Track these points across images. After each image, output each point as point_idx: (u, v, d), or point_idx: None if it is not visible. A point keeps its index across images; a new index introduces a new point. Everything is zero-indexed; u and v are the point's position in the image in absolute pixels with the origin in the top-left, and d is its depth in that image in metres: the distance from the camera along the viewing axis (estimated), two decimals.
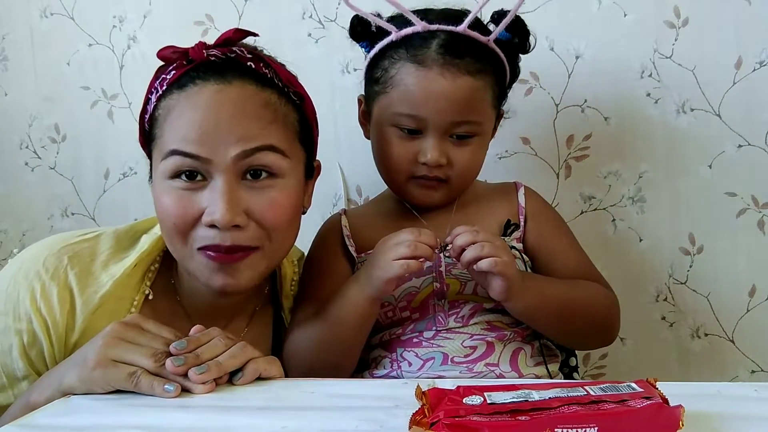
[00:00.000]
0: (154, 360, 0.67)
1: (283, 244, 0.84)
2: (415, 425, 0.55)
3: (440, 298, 0.89)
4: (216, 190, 0.77)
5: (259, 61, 0.82)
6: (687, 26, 1.11)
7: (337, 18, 1.22)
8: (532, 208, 0.96)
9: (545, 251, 0.93)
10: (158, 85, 0.82)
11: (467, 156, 0.91)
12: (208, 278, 0.80)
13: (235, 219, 0.76)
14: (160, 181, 0.80)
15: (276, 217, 0.80)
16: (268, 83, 0.82)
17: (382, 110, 0.92)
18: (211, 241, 0.77)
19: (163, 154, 0.79)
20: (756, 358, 1.14)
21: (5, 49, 1.38)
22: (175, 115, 0.79)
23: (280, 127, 0.81)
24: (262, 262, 0.82)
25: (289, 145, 0.82)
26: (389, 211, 0.98)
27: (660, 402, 0.55)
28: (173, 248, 0.82)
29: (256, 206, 0.78)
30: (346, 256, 0.95)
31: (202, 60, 0.80)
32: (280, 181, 0.80)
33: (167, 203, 0.79)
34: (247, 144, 0.77)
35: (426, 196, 0.93)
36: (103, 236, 0.88)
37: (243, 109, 0.78)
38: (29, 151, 1.39)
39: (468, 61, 0.87)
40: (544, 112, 1.15)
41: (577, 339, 0.95)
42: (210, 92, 0.78)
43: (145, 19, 1.30)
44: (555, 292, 0.87)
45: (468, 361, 0.86)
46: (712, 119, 1.12)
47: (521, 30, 0.93)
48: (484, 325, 0.89)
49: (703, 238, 1.14)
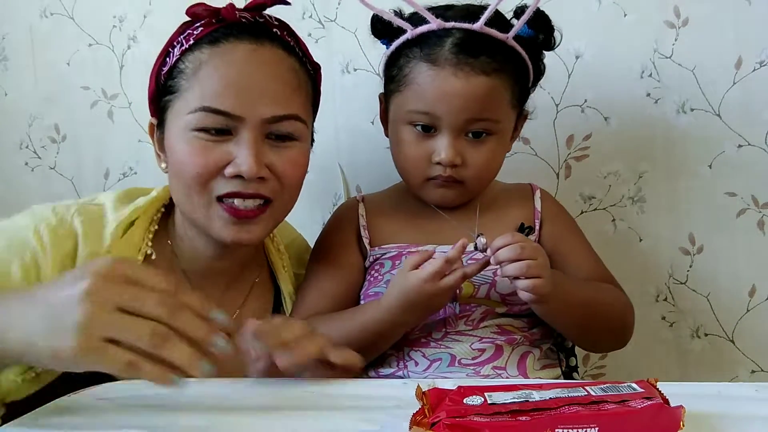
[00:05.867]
0: (155, 340, 0.55)
1: (290, 202, 0.88)
2: (415, 425, 0.54)
3: (452, 301, 0.88)
4: (244, 144, 0.80)
5: (284, 29, 0.86)
6: (687, 26, 1.11)
7: (337, 18, 1.22)
8: (548, 212, 0.96)
9: (560, 254, 0.93)
10: (183, 39, 0.84)
11: (483, 156, 0.89)
12: (221, 229, 0.82)
13: (260, 171, 0.80)
14: (183, 132, 0.81)
15: (293, 174, 0.85)
16: (293, 51, 0.86)
17: (397, 108, 0.91)
18: (233, 188, 0.81)
19: (192, 108, 0.80)
20: (756, 358, 1.14)
21: (5, 49, 1.38)
22: (208, 71, 0.81)
23: (303, 94, 0.85)
24: (271, 219, 0.86)
25: (308, 113, 0.87)
26: (409, 206, 0.96)
27: (661, 402, 0.55)
28: (188, 199, 0.83)
29: (278, 163, 0.83)
30: (359, 246, 0.94)
31: (233, 20, 0.83)
32: (298, 144, 0.85)
33: (190, 152, 0.81)
34: (277, 109, 0.81)
35: (441, 197, 0.92)
36: (103, 197, 0.90)
37: (275, 70, 0.82)
38: (29, 151, 1.39)
39: (483, 60, 0.85)
40: (544, 112, 1.15)
41: (595, 340, 0.95)
42: (245, 51, 0.81)
43: (145, 19, 1.30)
44: (580, 295, 0.87)
45: (475, 363, 0.86)
46: (712, 119, 1.12)
47: (545, 26, 0.91)
48: (495, 328, 0.88)
49: (703, 238, 1.14)
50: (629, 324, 0.94)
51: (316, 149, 0.95)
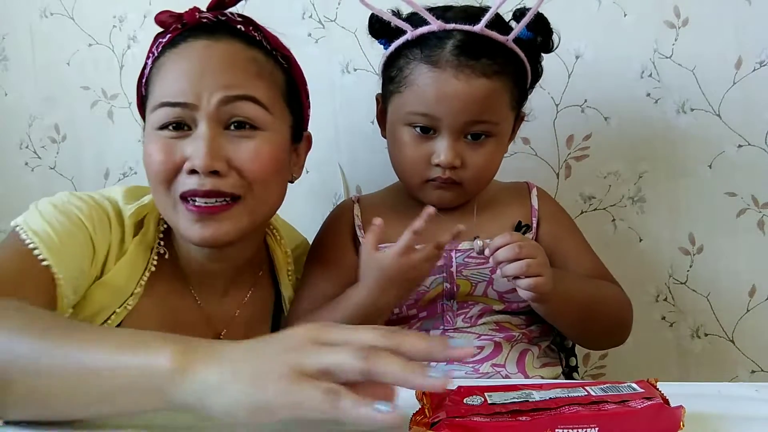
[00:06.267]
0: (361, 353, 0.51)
1: (265, 199, 0.84)
2: (415, 425, 0.55)
3: (449, 299, 0.88)
4: (198, 137, 0.78)
5: (248, 25, 0.85)
6: (687, 26, 1.11)
7: (337, 18, 1.22)
8: (545, 210, 0.96)
9: (559, 253, 0.93)
10: (155, 49, 0.85)
11: (482, 158, 0.88)
12: (187, 229, 0.81)
13: (214, 165, 0.77)
14: (149, 133, 0.82)
15: (256, 167, 0.80)
16: (256, 44, 0.84)
17: (396, 109, 0.90)
18: (191, 186, 0.78)
19: (152, 107, 0.81)
20: (756, 358, 1.14)
21: (5, 49, 1.38)
22: (165, 71, 0.82)
23: (265, 82, 0.83)
24: (243, 216, 0.81)
25: (273, 102, 0.83)
26: (405, 206, 0.95)
27: (661, 402, 0.55)
28: (158, 199, 0.83)
29: (237, 155, 0.79)
30: (354, 246, 0.94)
31: (195, 23, 0.83)
32: (262, 134, 0.81)
33: (152, 151, 0.80)
34: (230, 91, 0.79)
35: (439, 198, 0.91)
36: (112, 192, 0.89)
37: (230, 61, 0.81)
38: (29, 151, 1.39)
39: (484, 62, 0.85)
40: (544, 112, 1.15)
41: (594, 338, 0.95)
42: (199, 47, 0.81)
43: (145, 19, 1.30)
44: (580, 293, 0.87)
45: (474, 361, 0.86)
46: (712, 119, 1.12)
47: (544, 28, 0.90)
48: (493, 325, 0.88)
49: (703, 238, 1.14)
50: (628, 321, 0.94)
51: (316, 149, 0.95)
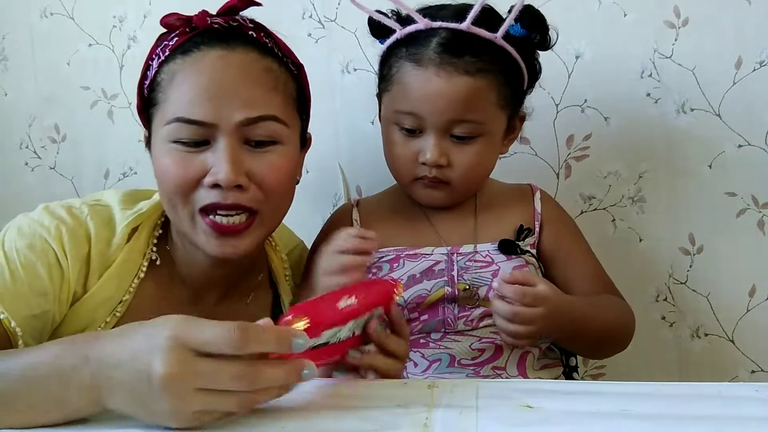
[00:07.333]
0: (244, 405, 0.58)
1: (279, 210, 0.85)
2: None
3: (451, 302, 0.88)
4: (219, 152, 0.78)
5: (260, 31, 0.85)
6: (687, 26, 1.11)
7: (337, 18, 1.22)
8: (548, 214, 0.95)
9: (561, 258, 0.93)
10: (160, 51, 0.83)
11: (469, 157, 0.88)
12: (205, 243, 0.81)
13: (238, 179, 0.78)
14: (162, 143, 0.81)
15: (275, 180, 0.81)
16: (269, 52, 0.84)
17: (386, 108, 0.91)
18: (213, 199, 0.79)
19: (167, 120, 0.80)
20: (756, 358, 1.14)
21: (5, 49, 1.38)
22: (179, 80, 0.80)
23: (281, 94, 0.83)
24: (260, 229, 0.83)
25: (289, 114, 0.83)
26: (405, 208, 0.96)
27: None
28: (173, 212, 0.82)
29: (258, 169, 0.80)
30: None
31: (205, 27, 0.82)
32: (280, 147, 0.82)
33: (169, 164, 0.80)
34: (251, 111, 0.79)
35: (429, 197, 0.92)
36: (107, 197, 0.89)
37: (247, 74, 0.80)
38: (29, 151, 1.39)
39: (467, 59, 0.85)
40: (544, 112, 1.15)
41: (597, 352, 0.96)
42: (214, 57, 0.80)
43: (145, 19, 1.30)
44: (585, 322, 0.85)
45: (475, 363, 0.86)
46: (712, 119, 1.12)
47: (540, 25, 0.90)
48: (494, 328, 0.88)
49: (703, 238, 1.14)
50: (631, 333, 0.94)
51: (316, 149, 0.94)
